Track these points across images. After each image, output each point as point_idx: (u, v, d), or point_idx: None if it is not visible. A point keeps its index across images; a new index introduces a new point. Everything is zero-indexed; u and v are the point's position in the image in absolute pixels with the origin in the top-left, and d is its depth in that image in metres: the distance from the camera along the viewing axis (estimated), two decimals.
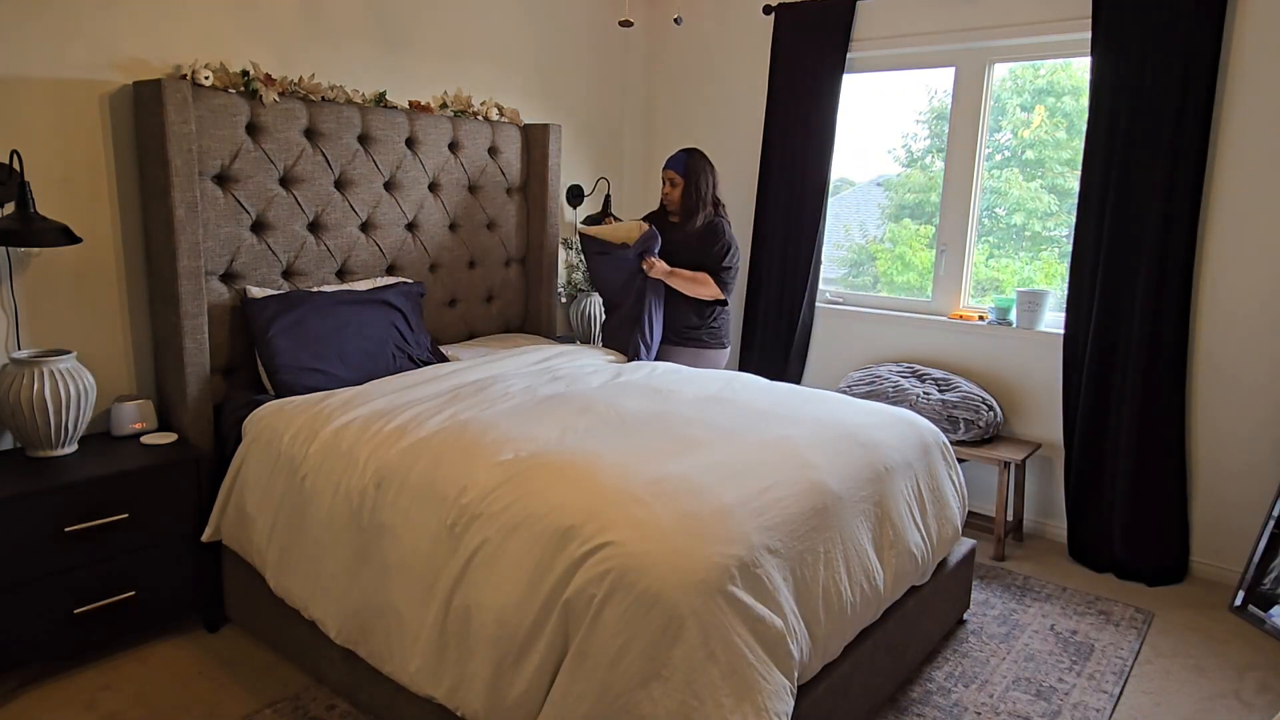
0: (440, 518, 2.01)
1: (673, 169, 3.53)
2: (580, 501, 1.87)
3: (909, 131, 4.08)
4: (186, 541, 2.58)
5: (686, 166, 3.51)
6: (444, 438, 2.25)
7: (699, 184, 3.50)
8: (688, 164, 3.51)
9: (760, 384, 3.00)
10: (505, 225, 3.74)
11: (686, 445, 2.23)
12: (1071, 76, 3.63)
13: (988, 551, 3.44)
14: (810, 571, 1.94)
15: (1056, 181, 3.69)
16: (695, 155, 3.54)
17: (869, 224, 4.34)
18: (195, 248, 2.63)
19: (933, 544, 2.46)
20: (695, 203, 3.51)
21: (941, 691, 2.49)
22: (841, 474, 2.19)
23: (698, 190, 3.50)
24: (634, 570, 1.68)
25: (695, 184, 3.50)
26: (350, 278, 3.18)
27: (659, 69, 4.56)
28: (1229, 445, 3.19)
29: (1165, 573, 3.24)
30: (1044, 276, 3.77)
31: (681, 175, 3.51)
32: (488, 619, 1.83)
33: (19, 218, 2.33)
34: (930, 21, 3.68)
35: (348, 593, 2.16)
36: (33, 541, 2.26)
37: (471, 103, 3.57)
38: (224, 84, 2.72)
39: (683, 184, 3.51)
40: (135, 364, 2.79)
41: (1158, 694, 2.53)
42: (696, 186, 3.50)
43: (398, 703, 2.11)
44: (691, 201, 3.51)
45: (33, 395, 2.35)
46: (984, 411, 3.43)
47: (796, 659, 1.79)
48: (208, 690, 2.39)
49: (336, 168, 3.07)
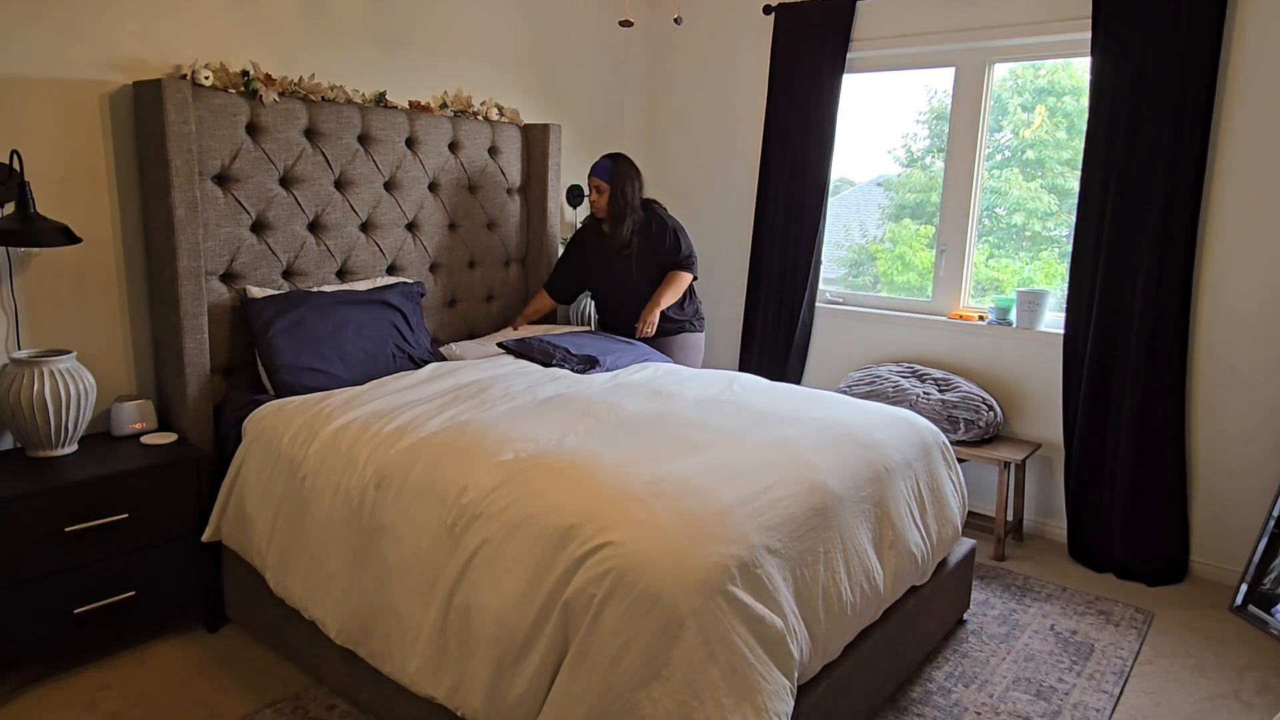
0: (440, 518, 2.01)
1: (598, 176, 3.53)
2: (580, 502, 1.87)
3: (909, 131, 4.08)
4: (186, 541, 2.58)
5: (611, 173, 3.51)
6: (444, 438, 2.25)
7: (625, 190, 3.50)
8: (612, 170, 3.51)
9: (760, 384, 3.00)
10: (505, 225, 3.74)
11: (686, 445, 2.23)
12: (1072, 76, 3.63)
13: (988, 551, 3.44)
14: (810, 571, 1.94)
15: (1057, 181, 3.69)
16: (620, 161, 3.54)
17: (869, 224, 4.33)
18: (195, 248, 2.63)
19: (933, 544, 2.46)
20: (623, 208, 3.51)
21: (941, 691, 2.49)
22: (841, 474, 2.19)
23: (624, 196, 3.50)
24: (634, 570, 1.68)
25: (621, 190, 3.50)
26: (350, 278, 3.18)
27: (659, 69, 4.56)
28: (1229, 445, 3.19)
29: (1165, 573, 3.24)
30: (1044, 276, 3.77)
31: (607, 182, 3.51)
32: (488, 619, 1.83)
33: (19, 218, 2.33)
34: (930, 21, 3.68)
35: (347, 593, 2.16)
36: (33, 541, 2.26)
37: (471, 103, 3.57)
38: (224, 84, 2.72)
39: (609, 190, 3.51)
40: (135, 364, 2.79)
41: (1158, 694, 2.53)
42: (623, 192, 3.50)
43: (398, 703, 2.11)
44: (619, 207, 3.51)
45: (33, 395, 2.35)
46: (984, 411, 3.43)
47: (796, 659, 1.79)
48: (208, 690, 2.39)
49: (336, 168, 3.07)
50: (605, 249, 3.58)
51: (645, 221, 3.56)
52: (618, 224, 3.53)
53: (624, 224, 3.52)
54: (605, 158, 3.56)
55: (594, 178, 3.54)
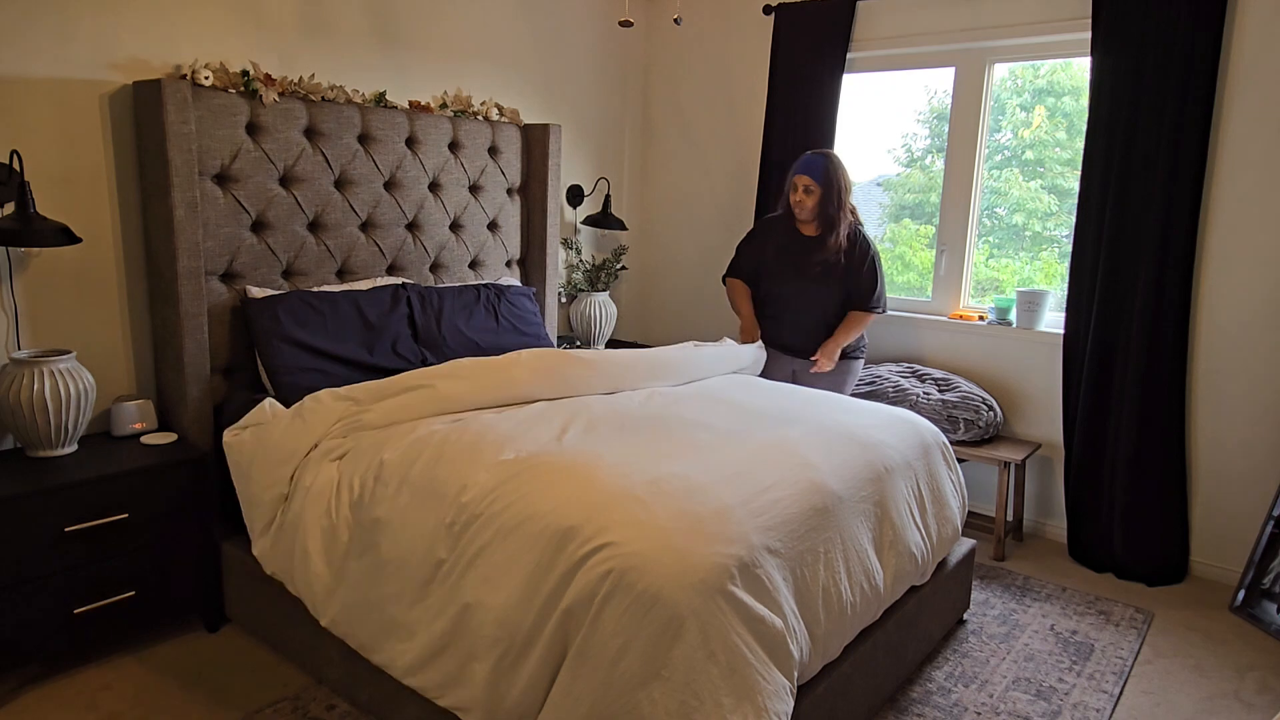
0: (439, 517, 2.01)
1: (809, 175, 3.20)
2: (580, 501, 1.87)
3: (909, 131, 4.08)
4: (186, 541, 2.58)
5: (825, 174, 3.19)
6: (445, 436, 2.25)
7: (839, 194, 3.20)
8: (827, 170, 3.20)
9: (760, 384, 3.00)
10: (505, 225, 3.74)
11: (686, 445, 2.24)
12: (1072, 77, 3.63)
13: (988, 551, 3.44)
14: (810, 571, 1.94)
15: (1057, 182, 3.69)
16: (834, 161, 3.24)
17: (869, 224, 4.33)
18: (195, 248, 2.63)
19: (933, 544, 2.46)
20: (834, 215, 3.21)
21: (941, 691, 2.49)
22: (841, 474, 2.20)
23: (837, 201, 3.20)
24: (634, 570, 1.68)
25: (836, 194, 3.20)
26: (350, 278, 3.18)
27: (659, 69, 4.56)
28: (1229, 445, 3.19)
29: (1165, 573, 3.24)
30: (1044, 276, 3.77)
31: (819, 184, 3.20)
32: (487, 619, 1.83)
33: (19, 218, 2.33)
34: (930, 21, 3.68)
35: (343, 586, 2.16)
36: (33, 541, 2.26)
37: (471, 103, 3.57)
38: (224, 84, 2.72)
39: (819, 193, 3.21)
40: (135, 364, 2.79)
41: (1158, 694, 2.53)
42: (837, 196, 3.20)
43: (398, 703, 2.11)
44: (830, 213, 3.22)
45: (33, 395, 2.35)
46: (984, 411, 3.43)
47: (796, 659, 1.79)
48: (208, 690, 2.39)
49: (336, 168, 3.07)
50: (793, 249, 3.34)
51: (854, 236, 3.29)
52: (828, 230, 3.25)
53: (837, 229, 3.23)
54: (818, 155, 3.25)
55: (804, 176, 3.22)
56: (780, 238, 3.40)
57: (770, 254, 3.42)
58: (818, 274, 3.31)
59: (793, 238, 3.36)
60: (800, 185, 3.25)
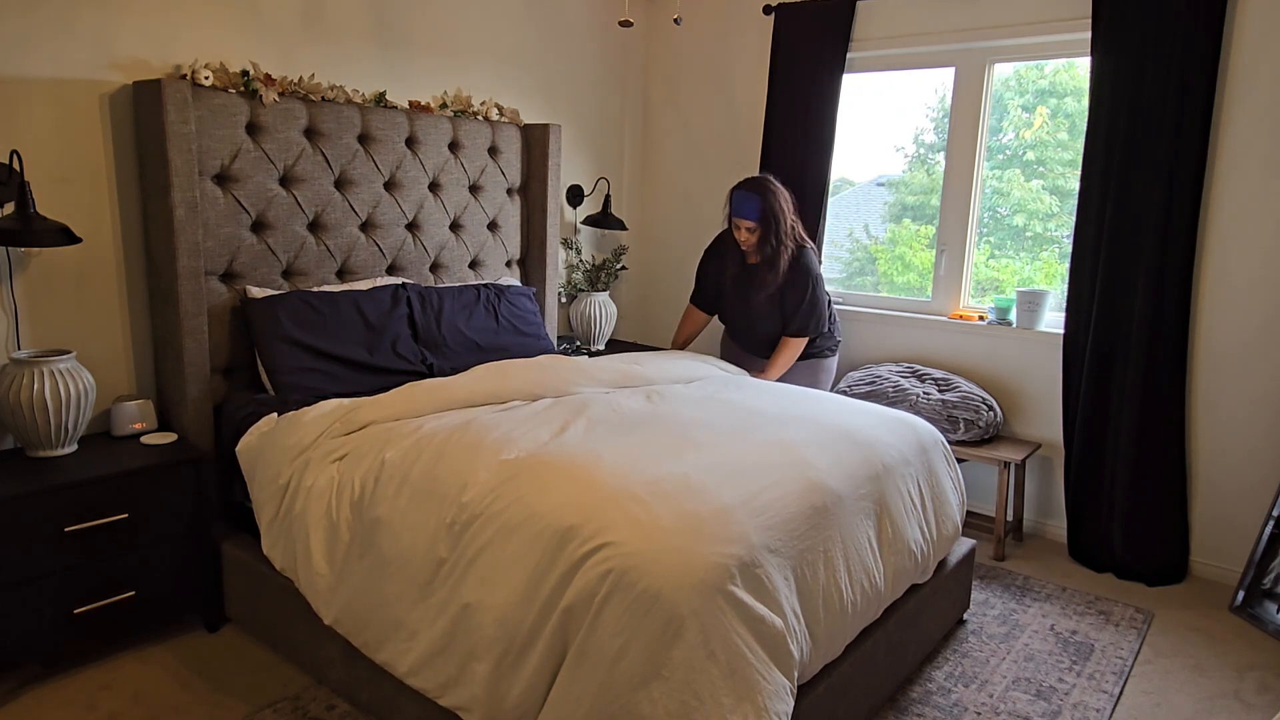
0: (440, 516, 2.01)
1: (746, 218, 3.20)
2: (580, 501, 1.87)
3: (909, 131, 4.08)
4: (186, 541, 2.58)
5: (761, 214, 3.18)
6: (446, 435, 2.25)
7: (777, 227, 3.19)
8: (762, 211, 3.17)
9: (760, 384, 3.00)
10: (505, 225, 3.74)
11: (686, 445, 2.24)
12: (1074, 77, 3.62)
13: (988, 551, 3.44)
14: (810, 571, 1.94)
15: (1058, 182, 3.69)
16: (768, 193, 3.17)
17: (870, 224, 4.33)
18: (195, 248, 2.63)
19: (933, 542, 2.46)
20: (776, 247, 3.22)
21: (941, 691, 2.49)
22: (841, 473, 2.20)
23: (778, 232, 3.19)
24: (634, 570, 1.68)
25: (774, 225, 3.19)
26: (350, 278, 3.18)
27: (659, 69, 4.56)
28: (1229, 444, 3.19)
29: (1165, 573, 3.24)
30: (1044, 277, 3.77)
31: (757, 223, 3.20)
32: (487, 619, 1.83)
33: (19, 218, 2.33)
34: (930, 21, 3.68)
35: (345, 586, 2.16)
36: (32, 541, 2.26)
37: (471, 103, 3.57)
38: (224, 84, 2.72)
39: (760, 230, 3.22)
40: (135, 364, 2.79)
41: (1158, 694, 2.53)
42: (776, 231, 3.19)
43: (398, 703, 2.11)
44: (770, 248, 3.22)
45: (33, 395, 2.35)
46: (984, 411, 3.43)
47: (797, 659, 1.79)
48: (208, 690, 2.39)
49: (336, 168, 3.07)
50: (743, 277, 3.38)
51: (794, 260, 3.28)
52: (768, 265, 3.25)
53: (774, 268, 3.24)
54: (750, 195, 3.19)
55: (741, 219, 3.22)
56: (734, 265, 3.43)
57: (727, 281, 3.48)
58: (762, 303, 3.38)
59: (742, 266, 3.42)
60: (742, 225, 3.28)
